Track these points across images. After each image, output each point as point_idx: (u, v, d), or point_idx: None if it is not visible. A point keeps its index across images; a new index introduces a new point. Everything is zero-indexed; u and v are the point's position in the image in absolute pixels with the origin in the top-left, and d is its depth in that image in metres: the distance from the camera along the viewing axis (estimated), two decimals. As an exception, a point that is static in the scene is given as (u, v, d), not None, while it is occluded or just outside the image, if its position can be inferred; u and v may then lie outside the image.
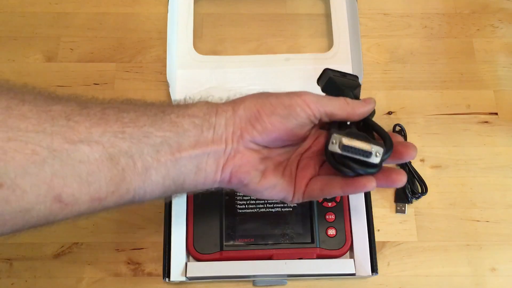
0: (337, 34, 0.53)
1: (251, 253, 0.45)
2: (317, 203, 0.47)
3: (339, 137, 0.31)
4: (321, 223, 0.46)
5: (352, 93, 0.36)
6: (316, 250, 0.45)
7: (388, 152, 0.32)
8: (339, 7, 0.54)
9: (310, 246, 0.45)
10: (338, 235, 0.46)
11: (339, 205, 0.47)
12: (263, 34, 0.57)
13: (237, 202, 0.47)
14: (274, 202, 0.47)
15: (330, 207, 0.47)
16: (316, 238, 0.46)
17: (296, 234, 0.46)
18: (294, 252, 0.45)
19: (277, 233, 0.46)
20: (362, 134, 0.33)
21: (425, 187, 0.49)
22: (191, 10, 0.54)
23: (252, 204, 0.47)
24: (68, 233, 0.48)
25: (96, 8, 0.58)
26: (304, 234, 0.46)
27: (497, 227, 0.49)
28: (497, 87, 0.55)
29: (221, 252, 0.45)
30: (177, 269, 0.45)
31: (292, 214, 0.47)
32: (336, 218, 0.46)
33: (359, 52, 0.48)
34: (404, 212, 0.49)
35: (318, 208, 0.47)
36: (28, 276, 0.47)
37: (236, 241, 0.46)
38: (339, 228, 0.46)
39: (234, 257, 0.45)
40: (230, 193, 0.47)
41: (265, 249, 0.45)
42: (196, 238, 0.46)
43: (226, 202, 0.47)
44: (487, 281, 0.47)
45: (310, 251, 0.45)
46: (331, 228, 0.46)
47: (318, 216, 0.46)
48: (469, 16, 0.58)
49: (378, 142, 0.32)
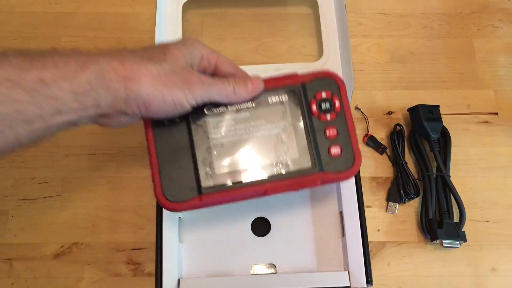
0: (326, 42, 0.52)
1: (238, 192, 0.37)
2: (313, 117, 0.39)
3: None
4: (321, 142, 0.39)
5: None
6: (319, 175, 0.38)
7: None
8: (328, 16, 0.54)
9: (312, 171, 0.38)
10: (344, 152, 0.39)
11: (340, 116, 0.39)
12: (263, 34, 0.57)
13: (210, 131, 0.38)
14: (259, 124, 0.39)
15: (330, 120, 0.39)
16: (317, 161, 0.38)
17: (292, 160, 0.38)
18: (292, 182, 0.38)
19: (268, 163, 0.38)
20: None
21: (417, 189, 0.49)
22: (179, 24, 0.53)
23: (230, 131, 0.38)
24: (68, 233, 0.48)
25: (96, 8, 0.58)
26: (302, 158, 0.38)
27: (497, 227, 0.49)
28: (497, 87, 0.55)
29: (200, 197, 0.37)
30: (169, 285, 0.43)
31: (284, 135, 0.39)
32: (339, 132, 0.39)
33: (349, 61, 0.47)
34: (395, 212, 0.49)
35: (314, 124, 0.39)
36: (28, 276, 0.47)
37: (218, 180, 0.37)
38: (344, 144, 0.39)
39: (217, 201, 0.38)
40: (200, 121, 0.38)
41: (256, 185, 0.38)
42: (165, 182, 0.37)
43: (195, 132, 0.38)
44: (487, 281, 0.47)
45: (312, 178, 0.38)
46: (334, 145, 0.39)
47: (316, 134, 0.39)
48: (469, 16, 0.58)
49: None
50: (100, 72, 0.32)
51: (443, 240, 0.46)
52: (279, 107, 0.39)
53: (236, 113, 0.39)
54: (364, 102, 0.54)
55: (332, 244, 0.46)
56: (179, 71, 0.35)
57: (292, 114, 0.39)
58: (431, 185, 0.48)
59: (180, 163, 0.37)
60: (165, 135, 0.38)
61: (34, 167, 0.51)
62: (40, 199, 0.49)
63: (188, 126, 0.38)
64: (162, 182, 0.37)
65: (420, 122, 0.50)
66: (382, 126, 0.53)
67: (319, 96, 0.40)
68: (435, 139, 0.49)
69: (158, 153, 0.37)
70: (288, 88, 0.40)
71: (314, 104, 0.40)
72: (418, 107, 0.50)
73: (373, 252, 0.48)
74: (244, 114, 0.39)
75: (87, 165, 0.51)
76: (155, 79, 0.33)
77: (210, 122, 0.38)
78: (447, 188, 0.48)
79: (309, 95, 0.40)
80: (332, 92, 0.40)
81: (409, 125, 0.52)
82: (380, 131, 0.53)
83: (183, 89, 0.35)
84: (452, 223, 0.47)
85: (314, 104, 0.40)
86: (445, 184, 0.48)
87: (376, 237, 0.48)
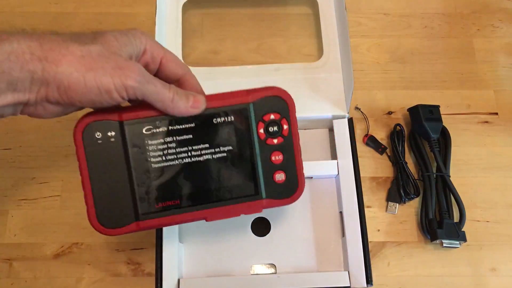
0: (326, 42, 0.53)
1: (177, 219, 0.36)
2: (259, 140, 0.37)
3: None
4: (266, 167, 0.37)
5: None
6: (262, 202, 0.37)
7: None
8: (328, 16, 0.54)
9: (254, 198, 0.37)
10: (288, 178, 0.38)
11: (287, 140, 0.38)
12: (263, 34, 0.57)
13: (149, 154, 0.35)
14: (202, 147, 0.36)
15: (276, 144, 0.38)
16: (260, 188, 0.37)
17: (235, 186, 0.37)
18: (233, 208, 0.37)
19: (209, 188, 0.36)
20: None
21: (417, 189, 0.49)
22: (179, 24, 0.53)
23: (171, 154, 0.36)
24: (68, 233, 0.48)
25: (96, 8, 0.58)
26: (245, 184, 0.37)
27: (497, 227, 0.49)
28: (497, 87, 0.55)
29: (138, 223, 0.35)
30: (169, 285, 0.43)
31: (227, 160, 0.37)
32: (284, 158, 0.37)
33: (349, 61, 0.48)
34: (395, 212, 0.49)
35: (260, 148, 0.37)
36: (28, 276, 0.47)
37: (156, 205, 0.36)
38: (289, 170, 0.38)
39: (156, 226, 0.36)
40: (138, 142, 0.35)
41: (195, 210, 0.36)
42: (100, 207, 0.34)
43: (133, 155, 0.35)
44: (487, 281, 0.47)
45: (254, 205, 0.37)
46: (279, 171, 0.38)
47: (261, 159, 0.37)
48: (469, 16, 0.58)
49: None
50: (12, 52, 0.28)
51: (443, 240, 0.46)
52: (224, 128, 0.37)
53: (178, 134, 0.36)
54: (364, 102, 0.54)
55: (332, 244, 0.46)
56: (109, 55, 0.31)
57: (238, 137, 0.37)
58: (431, 185, 0.48)
59: (116, 186, 0.35)
60: (98, 156, 0.35)
61: (34, 167, 0.51)
62: (40, 199, 0.49)
63: (124, 146, 0.35)
64: (96, 208, 0.34)
65: (420, 122, 0.50)
66: (382, 126, 0.53)
67: (267, 118, 0.37)
68: (435, 139, 0.49)
69: (91, 176, 0.34)
70: (235, 107, 0.37)
71: (261, 127, 0.37)
72: (418, 107, 0.50)
73: (373, 252, 0.48)
74: (187, 136, 0.36)
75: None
76: (77, 61, 0.30)
77: (148, 144, 0.35)
78: (447, 188, 0.48)
79: (257, 116, 0.37)
80: (280, 114, 0.37)
81: (409, 125, 0.52)
82: (380, 131, 0.53)
83: (112, 75, 0.30)
84: (452, 223, 0.47)
85: (261, 127, 0.37)
86: (445, 184, 0.48)
87: (376, 237, 0.48)
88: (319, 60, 0.52)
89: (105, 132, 0.35)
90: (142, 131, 0.35)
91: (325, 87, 0.51)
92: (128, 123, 0.35)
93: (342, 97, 0.50)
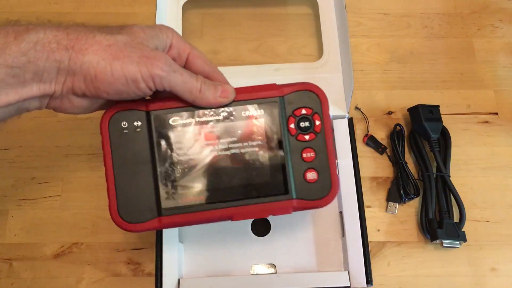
0: (326, 42, 0.53)
1: (201, 216, 0.34)
2: (290, 136, 0.35)
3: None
4: (296, 165, 0.35)
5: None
6: (291, 202, 0.35)
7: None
8: (328, 16, 0.54)
9: (284, 198, 0.35)
10: (320, 178, 0.35)
11: (319, 137, 0.36)
12: (263, 34, 0.57)
13: (174, 146, 0.34)
14: (229, 141, 0.35)
15: (308, 140, 0.36)
16: (291, 186, 0.35)
17: (263, 184, 0.35)
18: (262, 209, 0.35)
19: (236, 185, 0.35)
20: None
21: (417, 189, 0.49)
22: (179, 24, 0.53)
23: (197, 146, 0.35)
24: (68, 233, 0.48)
25: (96, 8, 0.58)
26: (274, 182, 0.35)
27: (497, 227, 0.49)
28: (497, 87, 0.55)
29: (160, 219, 0.34)
30: (169, 285, 0.43)
31: (256, 155, 0.35)
32: (316, 155, 0.35)
33: (349, 61, 0.48)
34: (395, 212, 0.49)
35: (291, 144, 0.35)
36: (28, 276, 0.47)
37: (180, 201, 0.34)
38: (322, 169, 0.35)
39: (178, 224, 0.35)
40: (163, 134, 0.35)
41: (221, 208, 0.35)
42: (122, 200, 0.34)
43: (158, 146, 0.34)
44: (487, 281, 0.47)
45: (283, 205, 0.35)
46: (310, 170, 0.35)
47: (292, 156, 0.35)
48: (469, 16, 0.58)
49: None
50: (39, 42, 0.28)
51: (443, 240, 0.46)
52: (253, 122, 0.36)
53: (205, 126, 0.35)
54: (364, 102, 0.54)
55: (332, 244, 0.46)
56: (135, 45, 0.31)
57: (267, 132, 0.36)
58: (431, 185, 0.48)
59: (139, 179, 0.34)
60: (124, 147, 0.34)
61: (34, 167, 0.51)
62: (40, 199, 0.49)
63: (150, 137, 0.34)
64: (118, 200, 0.34)
65: (420, 122, 0.50)
66: (382, 126, 0.53)
67: (298, 112, 0.36)
68: (435, 139, 0.49)
69: (115, 167, 0.34)
70: (265, 101, 0.36)
71: (292, 121, 0.36)
72: (418, 107, 0.50)
73: (373, 252, 0.48)
74: (214, 128, 0.35)
75: (87, 165, 0.51)
76: (103, 50, 0.29)
77: (175, 135, 0.34)
78: (447, 188, 0.48)
79: (288, 110, 0.36)
80: (313, 109, 0.36)
81: (409, 125, 0.52)
82: (380, 131, 0.53)
83: (139, 64, 0.30)
84: (452, 223, 0.47)
85: (292, 121, 0.36)
86: (445, 184, 0.48)
87: (376, 237, 0.48)
88: (319, 60, 0.52)
89: (131, 122, 0.34)
90: (169, 122, 0.35)
91: (325, 87, 0.50)
92: (154, 113, 0.35)
93: (342, 97, 0.50)
